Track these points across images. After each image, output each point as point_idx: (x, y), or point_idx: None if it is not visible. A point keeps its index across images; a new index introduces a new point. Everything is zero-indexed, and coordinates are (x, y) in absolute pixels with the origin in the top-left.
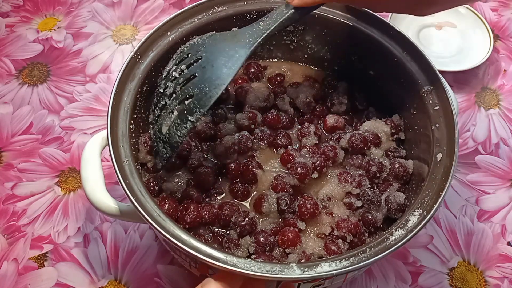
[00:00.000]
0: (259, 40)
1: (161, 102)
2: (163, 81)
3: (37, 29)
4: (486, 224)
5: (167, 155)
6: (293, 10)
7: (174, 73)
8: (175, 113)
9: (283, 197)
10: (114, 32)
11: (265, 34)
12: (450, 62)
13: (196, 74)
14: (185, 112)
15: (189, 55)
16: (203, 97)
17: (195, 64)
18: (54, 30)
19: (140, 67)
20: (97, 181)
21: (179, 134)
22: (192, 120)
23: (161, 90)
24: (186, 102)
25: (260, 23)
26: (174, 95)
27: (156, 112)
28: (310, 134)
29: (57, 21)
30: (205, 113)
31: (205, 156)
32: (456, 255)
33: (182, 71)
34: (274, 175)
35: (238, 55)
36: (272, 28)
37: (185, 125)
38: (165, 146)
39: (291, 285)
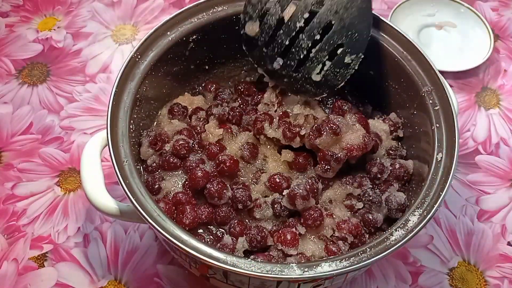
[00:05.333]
0: None
1: (299, 54)
2: (280, 31)
3: (36, 29)
4: (486, 224)
5: (322, 93)
6: None
7: (296, 23)
8: (328, 63)
9: (277, 201)
10: (114, 32)
11: None
12: (450, 62)
13: (333, 22)
14: (341, 60)
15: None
16: (356, 43)
17: (319, 11)
18: (54, 30)
19: (140, 67)
20: (97, 181)
21: (339, 79)
22: (354, 67)
23: (284, 41)
24: (339, 52)
25: None
26: (317, 47)
27: (293, 60)
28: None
29: (57, 21)
30: (363, 55)
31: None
32: (456, 255)
33: (307, 21)
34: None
35: None
36: None
37: (346, 71)
38: (320, 87)
39: None
